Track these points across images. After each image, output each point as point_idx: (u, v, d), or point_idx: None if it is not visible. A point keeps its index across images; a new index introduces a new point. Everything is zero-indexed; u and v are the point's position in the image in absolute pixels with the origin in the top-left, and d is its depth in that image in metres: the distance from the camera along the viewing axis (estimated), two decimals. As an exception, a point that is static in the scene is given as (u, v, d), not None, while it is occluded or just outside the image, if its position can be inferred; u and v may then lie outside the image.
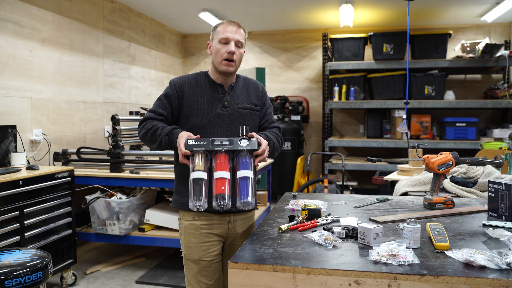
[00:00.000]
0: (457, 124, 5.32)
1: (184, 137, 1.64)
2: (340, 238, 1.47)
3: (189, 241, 1.84)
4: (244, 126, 1.65)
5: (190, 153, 1.59)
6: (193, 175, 1.55)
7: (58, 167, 3.26)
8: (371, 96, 5.85)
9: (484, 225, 1.67)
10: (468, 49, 5.50)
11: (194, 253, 1.82)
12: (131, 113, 4.59)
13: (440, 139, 5.47)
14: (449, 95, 5.50)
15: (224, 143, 1.58)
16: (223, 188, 1.52)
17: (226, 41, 1.79)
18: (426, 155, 2.05)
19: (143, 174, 3.40)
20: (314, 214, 1.74)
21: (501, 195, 1.78)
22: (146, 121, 1.84)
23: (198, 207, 1.51)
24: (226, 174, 1.56)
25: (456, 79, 6.05)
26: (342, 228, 1.51)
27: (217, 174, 1.56)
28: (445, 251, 1.33)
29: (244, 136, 1.62)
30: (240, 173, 1.57)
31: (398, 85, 5.55)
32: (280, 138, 1.92)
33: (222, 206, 1.51)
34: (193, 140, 1.59)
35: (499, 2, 4.76)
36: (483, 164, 2.14)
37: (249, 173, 1.56)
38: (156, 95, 5.88)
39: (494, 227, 1.61)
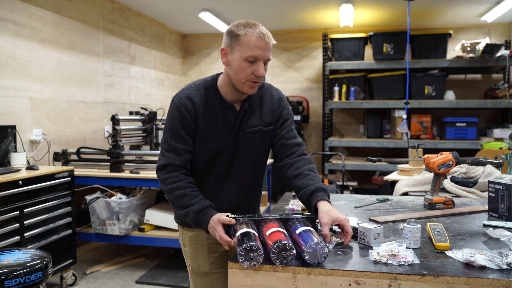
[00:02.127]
0: (457, 124, 5.31)
1: (219, 224, 1.40)
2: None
3: (196, 252, 1.66)
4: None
5: (235, 222, 1.37)
6: (239, 232, 1.29)
7: (58, 167, 3.26)
8: (371, 96, 5.84)
9: (485, 225, 1.67)
10: (468, 49, 5.50)
11: (204, 265, 1.66)
12: (131, 113, 4.59)
13: (440, 139, 5.47)
14: (449, 95, 5.49)
15: (273, 215, 1.40)
16: (282, 235, 1.26)
17: (254, 60, 1.47)
18: (426, 155, 2.05)
19: (143, 174, 3.40)
20: (314, 214, 1.73)
21: (502, 195, 1.77)
22: (171, 172, 1.55)
23: (251, 253, 1.21)
24: (281, 229, 1.31)
25: (456, 79, 6.05)
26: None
27: (269, 231, 1.30)
28: (445, 251, 1.32)
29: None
30: (298, 230, 1.31)
31: (398, 85, 5.54)
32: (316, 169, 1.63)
33: (283, 248, 1.20)
34: (235, 215, 1.41)
35: (499, 2, 4.76)
36: (483, 164, 2.14)
37: (308, 228, 1.31)
38: (156, 95, 5.88)
39: (495, 227, 1.61)
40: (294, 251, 1.21)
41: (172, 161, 1.54)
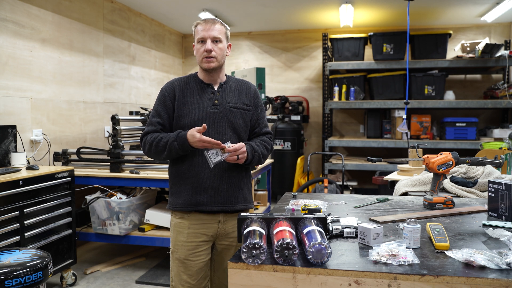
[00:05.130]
0: (457, 124, 5.31)
1: (193, 130, 1.71)
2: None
3: (176, 239, 1.86)
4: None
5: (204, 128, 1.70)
6: (246, 230, 1.33)
7: (58, 167, 3.26)
8: (371, 96, 5.84)
9: (484, 225, 1.67)
10: (468, 49, 5.50)
11: (180, 251, 1.84)
12: (131, 113, 4.59)
13: (440, 139, 5.47)
14: (449, 95, 5.49)
15: (284, 214, 1.43)
16: (287, 234, 1.26)
17: (202, 40, 1.84)
18: (426, 155, 2.05)
19: (143, 174, 3.40)
20: (314, 214, 1.74)
21: (501, 195, 1.78)
22: (146, 136, 1.87)
23: (254, 251, 1.23)
24: (289, 228, 1.31)
25: (456, 79, 6.05)
26: (342, 228, 1.51)
27: (277, 230, 1.32)
28: (445, 251, 1.33)
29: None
30: (305, 230, 1.32)
31: (398, 85, 5.55)
32: (269, 145, 1.96)
33: (286, 247, 1.21)
34: (247, 214, 1.44)
35: (499, 2, 4.76)
36: (483, 164, 2.14)
37: (314, 227, 1.33)
38: (156, 95, 5.88)
39: (494, 227, 1.61)
40: (297, 250, 1.22)
41: (148, 130, 1.88)
